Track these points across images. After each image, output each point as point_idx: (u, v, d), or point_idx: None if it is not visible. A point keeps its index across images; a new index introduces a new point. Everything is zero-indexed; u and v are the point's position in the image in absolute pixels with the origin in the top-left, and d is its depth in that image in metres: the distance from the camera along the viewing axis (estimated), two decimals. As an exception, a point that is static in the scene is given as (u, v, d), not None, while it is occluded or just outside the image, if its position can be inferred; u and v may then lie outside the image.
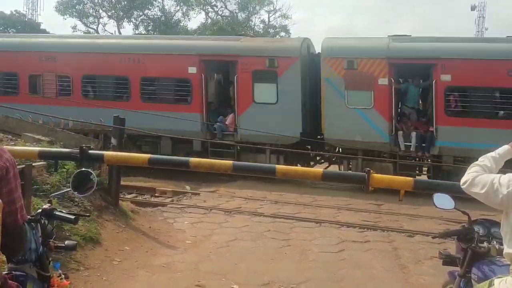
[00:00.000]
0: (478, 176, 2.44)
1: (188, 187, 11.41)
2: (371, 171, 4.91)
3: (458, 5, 74.63)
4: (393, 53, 11.67)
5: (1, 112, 9.74)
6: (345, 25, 62.41)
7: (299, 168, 5.75)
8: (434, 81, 11.47)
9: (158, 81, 13.57)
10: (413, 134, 11.69)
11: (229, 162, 5.81)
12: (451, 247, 3.77)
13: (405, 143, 11.72)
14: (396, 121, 11.95)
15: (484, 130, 10.83)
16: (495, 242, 2.92)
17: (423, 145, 11.69)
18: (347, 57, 11.95)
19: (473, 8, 44.99)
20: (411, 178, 5.13)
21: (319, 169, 5.81)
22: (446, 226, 7.96)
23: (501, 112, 11.38)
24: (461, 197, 3.09)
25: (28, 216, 2.44)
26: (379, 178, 5.00)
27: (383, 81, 11.62)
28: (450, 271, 3.33)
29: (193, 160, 5.75)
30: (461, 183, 2.53)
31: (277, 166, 5.52)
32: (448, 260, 3.23)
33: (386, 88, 11.65)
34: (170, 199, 10.38)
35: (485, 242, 2.96)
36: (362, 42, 12.83)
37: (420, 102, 13.05)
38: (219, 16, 37.37)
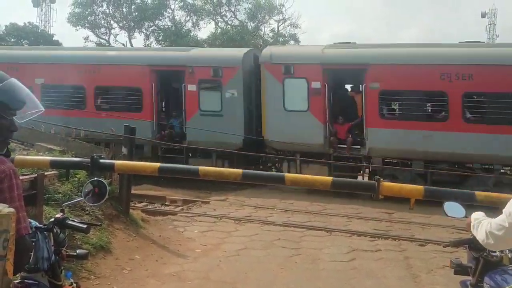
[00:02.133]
0: (488, 223, 2.44)
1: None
2: (381, 179, 4.88)
3: (468, 12, 74.27)
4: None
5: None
6: (353, 33, 62.45)
7: (307, 176, 5.73)
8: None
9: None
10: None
11: (238, 171, 5.81)
12: (464, 256, 3.73)
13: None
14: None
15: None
16: (507, 251, 2.88)
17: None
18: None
19: (483, 15, 44.71)
20: (421, 186, 5.09)
21: (328, 177, 5.79)
22: (458, 234, 7.86)
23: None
24: (472, 205, 3.06)
25: (41, 225, 2.48)
26: (389, 186, 4.97)
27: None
28: (462, 280, 3.29)
29: (202, 168, 5.77)
30: (484, 243, 2.49)
31: (286, 174, 5.52)
32: (460, 269, 3.19)
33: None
34: (180, 207, 10.41)
35: (497, 251, 2.93)
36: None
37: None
38: (229, 26, 37.61)
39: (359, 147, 12.33)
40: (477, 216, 2.55)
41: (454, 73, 11.09)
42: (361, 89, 12.25)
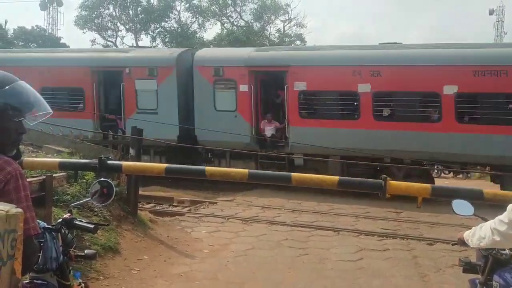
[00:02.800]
0: (492, 221, 2.48)
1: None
2: (388, 178, 4.86)
3: (475, 9, 73.73)
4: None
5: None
6: (358, 32, 62.18)
7: (314, 176, 5.71)
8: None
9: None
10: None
11: (244, 171, 5.82)
12: (472, 254, 3.70)
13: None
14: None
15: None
16: (516, 248, 2.86)
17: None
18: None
19: (491, 12, 44.30)
20: (428, 185, 5.06)
21: (335, 176, 5.77)
22: (467, 233, 7.79)
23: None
24: (481, 203, 3.05)
25: (49, 226, 2.50)
26: (396, 185, 4.95)
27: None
28: (471, 279, 3.27)
29: (209, 169, 5.78)
30: (491, 241, 2.54)
31: (293, 174, 5.50)
32: (469, 267, 3.17)
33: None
34: (187, 208, 10.43)
35: (506, 249, 2.90)
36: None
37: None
38: (235, 27, 37.67)
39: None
40: (469, 230, 2.63)
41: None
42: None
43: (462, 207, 3.16)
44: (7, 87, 1.80)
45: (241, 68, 13.02)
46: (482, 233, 2.52)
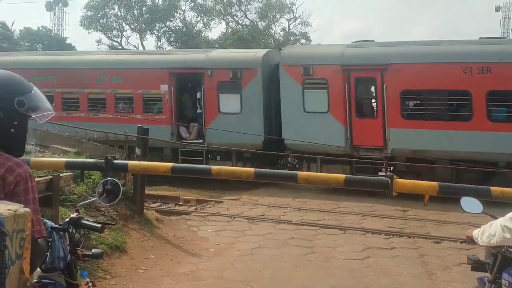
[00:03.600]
0: (500, 219, 2.49)
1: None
2: (394, 176, 4.84)
3: (481, 6, 73.22)
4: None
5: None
6: (364, 30, 61.89)
7: (320, 174, 5.71)
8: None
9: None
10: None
11: (250, 170, 5.81)
12: (480, 252, 3.68)
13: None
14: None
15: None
16: (525, 246, 2.83)
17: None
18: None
19: (497, 9, 43.98)
20: (435, 183, 5.03)
21: (341, 175, 5.75)
22: (475, 231, 7.75)
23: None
24: (489, 201, 3.03)
25: (56, 225, 2.51)
26: (402, 183, 4.93)
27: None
28: (480, 277, 3.24)
29: (215, 168, 5.78)
30: (501, 239, 2.57)
31: (299, 172, 5.50)
32: (477, 265, 3.14)
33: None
34: (194, 207, 10.46)
35: (515, 247, 2.88)
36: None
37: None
38: (240, 26, 37.67)
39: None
40: (478, 229, 2.62)
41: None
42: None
43: (470, 204, 3.14)
44: (32, 92, 1.91)
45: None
46: (492, 231, 2.51)
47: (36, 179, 5.15)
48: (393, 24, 69.21)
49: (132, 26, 37.74)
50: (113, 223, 5.72)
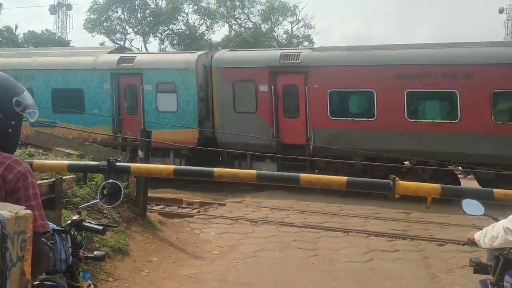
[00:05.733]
0: (502, 221, 2.49)
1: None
2: (396, 178, 4.83)
3: (484, 8, 73.02)
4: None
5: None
6: (365, 32, 61.86)
7: (322, 176, 5.70)
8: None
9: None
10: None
11: (253, 172, 5.81)
12: (483, 255, 3.66)
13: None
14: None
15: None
16: (528, 249, 2.82)
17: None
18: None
19: (501, 11, 43.85)
20: (438, 185, 5.01)
21: (343, 177, 5.74)
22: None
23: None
24: (491, 203, 3.02)
25: (58, 227, 2.51)
26: (405, 185, 4.91)
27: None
28: (482, 279, 3.23)
29: (217, 170, 5.78)
30: (504, 241, 2.58)
31: (301, 175, 5.48)
32: (479, 268, 3.13)
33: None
34: (196, 210, 10.46)
35: (518, 249, 2.87)
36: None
37: None
38: (243, 28, 37.73)
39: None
40: (480, 231, 2.61)
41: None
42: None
43: (472, 207, 3.13)
44: (24, 92, 1.97)
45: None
46: (494, 233, 2.50)
47: (39, 181, 5.18)
48: (395, 26, 69.16)
49: (136, 29, 37.90)
50: (115, 225, 5.72)
